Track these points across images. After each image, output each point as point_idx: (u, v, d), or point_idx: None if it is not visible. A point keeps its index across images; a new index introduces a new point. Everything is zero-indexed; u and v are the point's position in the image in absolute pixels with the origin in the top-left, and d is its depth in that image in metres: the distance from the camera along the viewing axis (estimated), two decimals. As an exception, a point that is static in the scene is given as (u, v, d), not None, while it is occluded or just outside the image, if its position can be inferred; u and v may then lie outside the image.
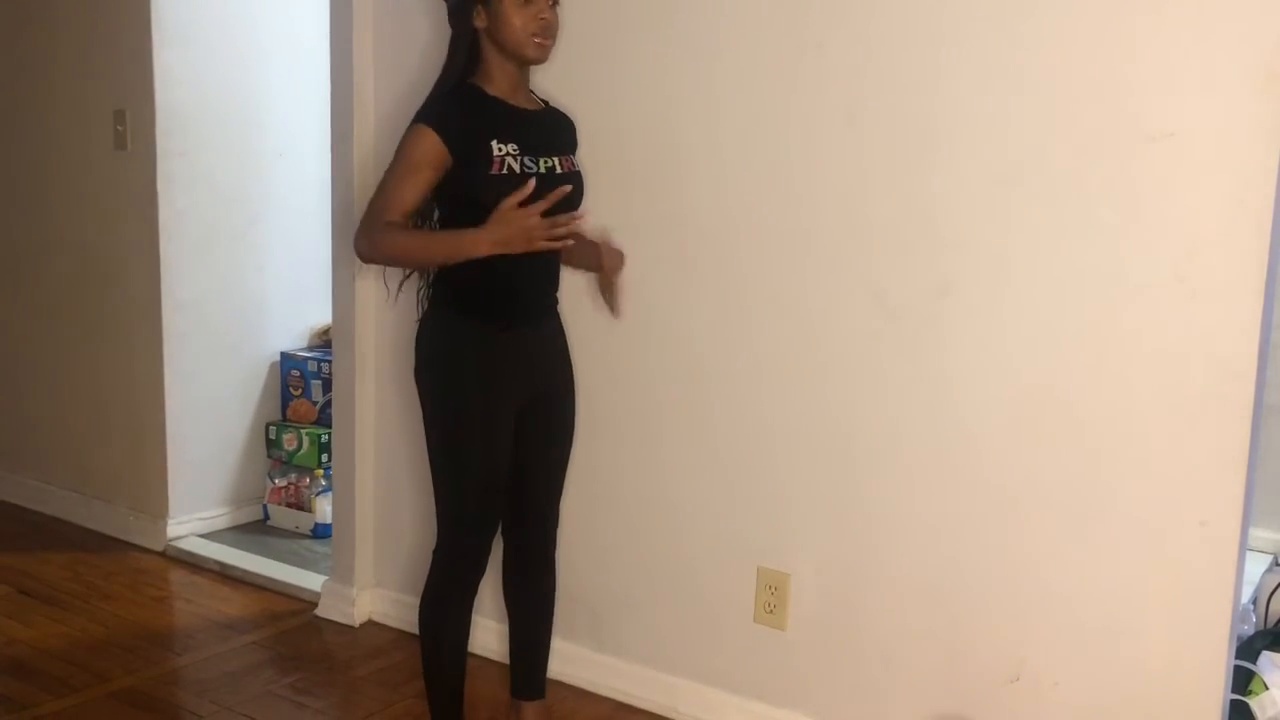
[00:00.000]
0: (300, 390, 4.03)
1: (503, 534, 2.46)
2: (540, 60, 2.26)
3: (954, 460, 2.34)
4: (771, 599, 2.58)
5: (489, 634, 2.89)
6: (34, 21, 3.92)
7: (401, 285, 2.49)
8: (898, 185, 2.34)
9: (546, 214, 2.17)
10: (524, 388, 2.33)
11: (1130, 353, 2.13)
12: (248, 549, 3.77)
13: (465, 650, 2.44)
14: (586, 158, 2.46)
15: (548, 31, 2.22)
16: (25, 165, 4.04)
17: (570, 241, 2.22)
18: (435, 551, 2.39)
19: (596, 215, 2.49)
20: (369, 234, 2.24)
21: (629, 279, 2.58)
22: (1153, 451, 2.13)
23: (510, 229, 2.15)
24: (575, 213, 2.22)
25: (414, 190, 2.21)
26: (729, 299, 2.56)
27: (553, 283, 2.37)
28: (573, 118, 2.44)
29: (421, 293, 2.42)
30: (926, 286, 2.33)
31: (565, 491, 2.51)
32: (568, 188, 2.18)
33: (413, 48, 2.93)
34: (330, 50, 3.10)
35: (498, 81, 2.26)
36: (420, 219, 2.30)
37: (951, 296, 2.30)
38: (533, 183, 2.14)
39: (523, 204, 2.15)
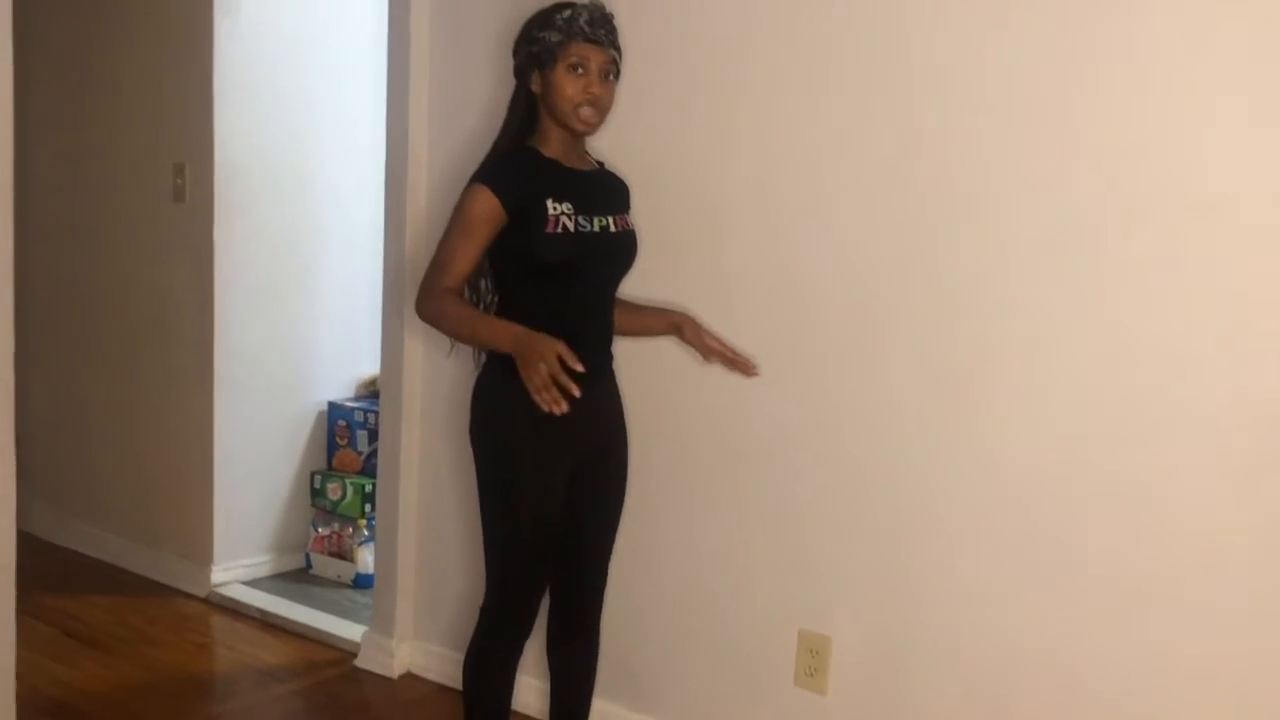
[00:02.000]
0: (346, 440, 4.07)
1: (550, 592, 2.46)
2: (587, 132, 2.30)
3: (997, 525, 2.32)
4: (812, 662, 2.56)
5: (530, 692, 2.89)
6: (99, 77, 4.05)
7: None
8: (942, 249, 2.35)
9: (596, 265, 2.20)
10: (578, 448, 2.34)
11: (1178, 421, 2.12)
12: (289, 597, 3.80)
13: (509, 708, 2.44)
14: (635, 218, 2.49)
15: (597, 105, 2.26)
16: (88, 216, 4.15)
17: (563, 408, 2.07)
18: (482, 609, 2.40)
19: (645, 276, 2.52)
20: (427, 297, 2.26)
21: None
22: (1200, 522, 2.11)
23: (531, 353, 2.07)
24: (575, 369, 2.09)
25: (471, 251, 2.24)
26: (774, 361, 2.57)
27: (607, 342, 2.39)
28: (626, 179, 2.48)
29: (478, 349, 2.45)
30: (969, 350, 2.33)
31: (607, 549, 2.52)
32: (579, 368, 2.08)
33: (467, 106, 3.00)
34: (386, 107, 3.18)
35: (552, 144, 2.31)
36: (478, 278, 2.33)
37: (994, 361, 2.30)
38: (577, 365, 2.05)
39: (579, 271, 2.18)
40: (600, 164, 2.44)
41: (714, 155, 2.62)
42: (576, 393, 2.06)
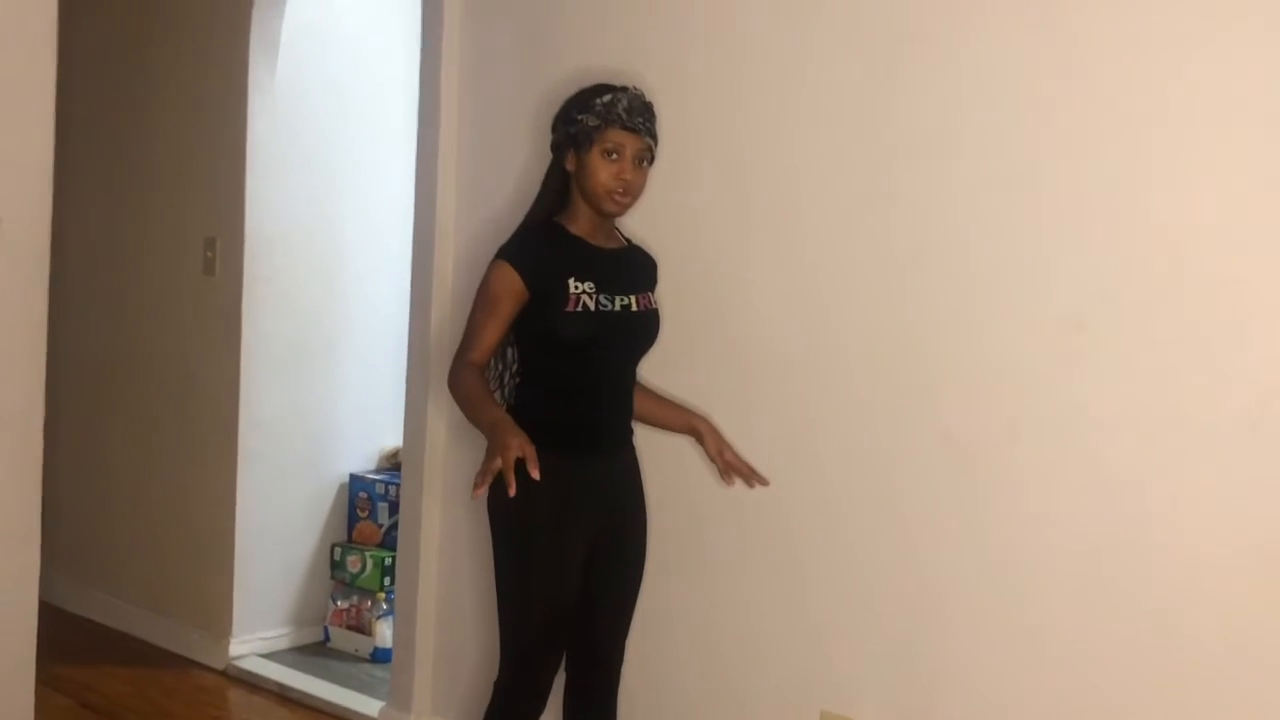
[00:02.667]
0: (367, 512, 4.08)
1: (566, 666, 2.45)
2: (616, 215, 2.34)
3: (1022, 608, 2.29)
4: (835, 744, 2.52)
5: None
6: (134, 152, 4.14)
7: None
8: (966, 328, 2.36)
9: (617, 343, 2.25)
10: (596, 521, 2.34)
11: (1204, 501, 2.10)
12: (307, 670, 3.77)
13: None
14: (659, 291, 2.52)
15: (628, 190, 2.30)
16: (119, 287, 4.21)
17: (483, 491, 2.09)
18: (496, 683, 2.38)
19: (666, 348, 2.54)
20: (452, 371, 2.33)
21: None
22: (1227, 604, 2.08)
23: (496, 444, 2.08)
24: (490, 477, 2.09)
25: (495, 326, 2.28)
26: (796, 438, 2.57)
27: (627, 417, 2.40)
28: (655, 256, 2.51)
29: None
30: (995, 430, 2.32)
31: (626, 623, 2.50)
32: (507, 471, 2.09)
33: (495, 184, 3.05)
34: (414, 184, 3.23)
35: (581, 221, 2.35)
36: (505, 348, 2.36)
37: (1020, 440, 2.29)
38: (534, 474, 2.07)
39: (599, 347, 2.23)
40: (629, 241, 2.48)
41: (735, 233, 2.65)
42: (512, 491, 2.04)
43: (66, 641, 3.92)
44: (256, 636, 3.89)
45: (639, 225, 2.60)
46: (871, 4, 2.46)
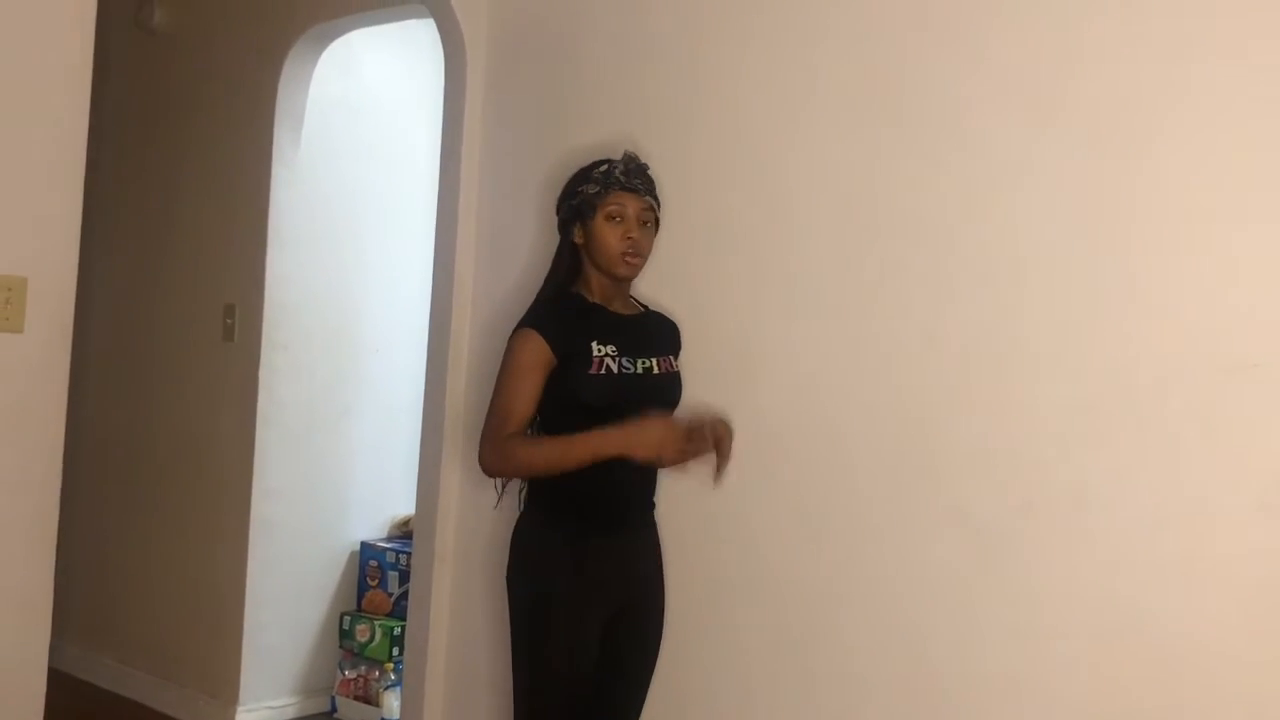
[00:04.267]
0: (377, 581, 4.06)
1: None
2: (629, 277, 2.37)
3: (1036, 684, 2.26)
4: (848, 826, 2.47)
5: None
6: (157, 220, 4.20)
7: (506, 485, 2.47)
8: (978, 405, 2.36)
9: (639, 406, 2.22)
10: (614, 599, 2.32)
11: (1217, 581, 2.08)
12: (313, 742, 3.74)
13: None
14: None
15: (636, 250, 2.33)
16: (138, 352, 4.25)
17: (694, 460, 2.20)
18: None
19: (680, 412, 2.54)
20: (495, 448, 2.26)
21: (713, 491, 2.58)
22: (1243, 685, 2.05)
23: (647, 435, 2.16)
24: (709, 429, 2.21)
25: (527, 395, 2.26)
26: (810, 516, 2.56)
27: (650, 489, 2.40)
28: (675, 320, 2.53)
29: (522, 493, 2.44)
30: (1008, 507, 2.31)
31: (639, 700, 2.47)
32: (712, 437, 2.22)
33: (513, 257, 3.08)
34: (433, 255, 3.27)
35: (596, 290, 2.38)
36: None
37: (1033, 518, 2.28)
38: (711, 437, 2.19)
39: (621, 412, 2.20)
40: (645, 308, 2.49)
41: (745, 303, 2.67)
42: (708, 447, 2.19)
43: (74, 708, 3.88)
44: (264, 705, 3.86)
45: (653, 294, 2.62)
46: (876, 77, 2.50)
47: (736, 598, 2.66)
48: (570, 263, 2.39)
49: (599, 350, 2.28)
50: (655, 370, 2.36)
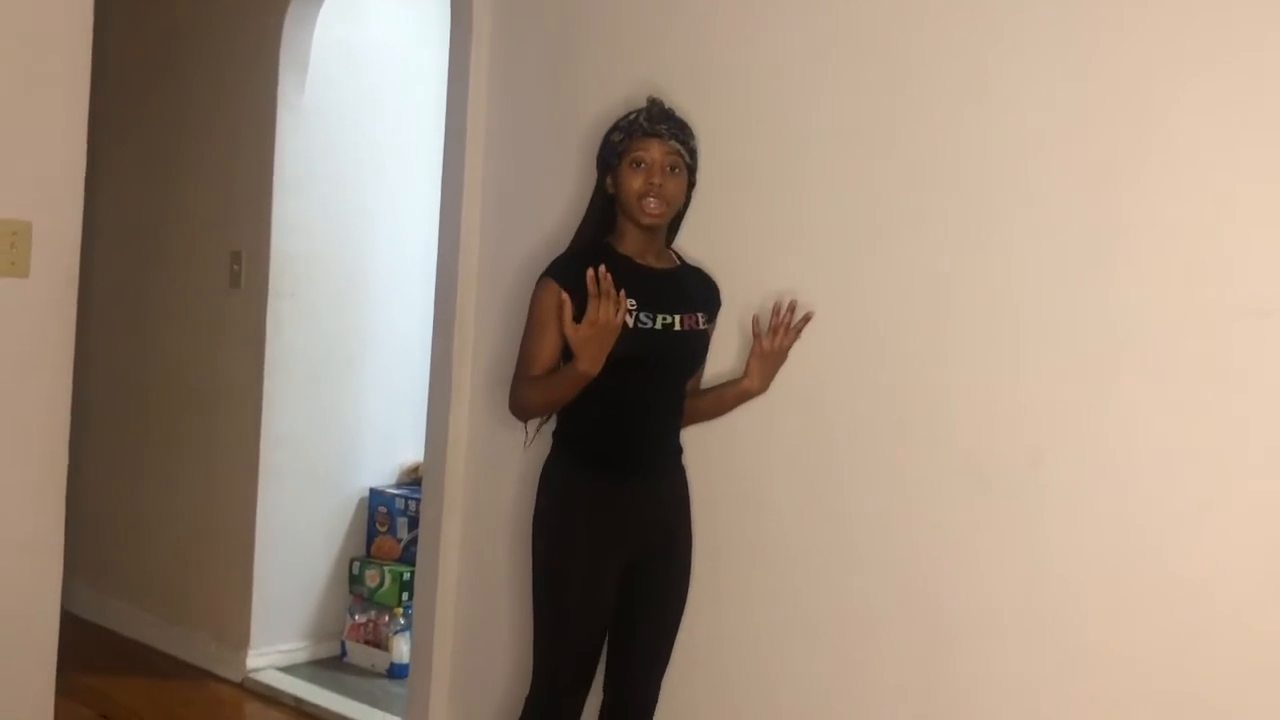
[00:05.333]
0: (386, 527, 4.08)
1: (603, 688, 2.44)
2: (652, 225, 2.34)
3: (1049, 636, 2.27)
4: (854, 769, 2.50)
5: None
6: (163, 167, 4.18)
7: (539, 428, 2.50)
8: (989, 356, 2.34)
9: (657, 362, 2.24)
10: (637, 543, 2.34)
11: (1228, 530, 2.08)
12: (324, 685, 3.77)
13: None
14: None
15: (661, 196, 2.30)
16: (145, 299, 4.25)
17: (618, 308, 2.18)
18: (527, 700, 2.38)
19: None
20: (513, 393, 2.33)
21: (723, 444, 2.58)
22: (1258, 638, 2.05)
23: (591, 341, 2.16)
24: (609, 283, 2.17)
25: (549, 344, 2.29)
26: (822, 467, 2.55)
27: (671, 438, 2.39)
28: (714, 277, 2.52)
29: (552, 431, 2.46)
30: (1019, 457, 2.31)
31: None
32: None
33: (521, 201, 3.06)
34: (440, 201, 3.25)
35: (628, 242, 2.36)
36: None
37: (1044, 468, 2.28)
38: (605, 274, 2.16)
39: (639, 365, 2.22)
40: (682, 262, 2.47)
41: (760, 254, 2.65)
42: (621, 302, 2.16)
43: (86, 651, 3.93)
44: (274, 649, 3.90)
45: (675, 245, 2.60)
46: (895, 25, 2.46)
47: (742, 547, 2.66)
48: (602, 213, 2.38)
49: None
50: (677, 327, 2.34)
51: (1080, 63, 2.24)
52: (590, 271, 2.14)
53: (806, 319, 2.44)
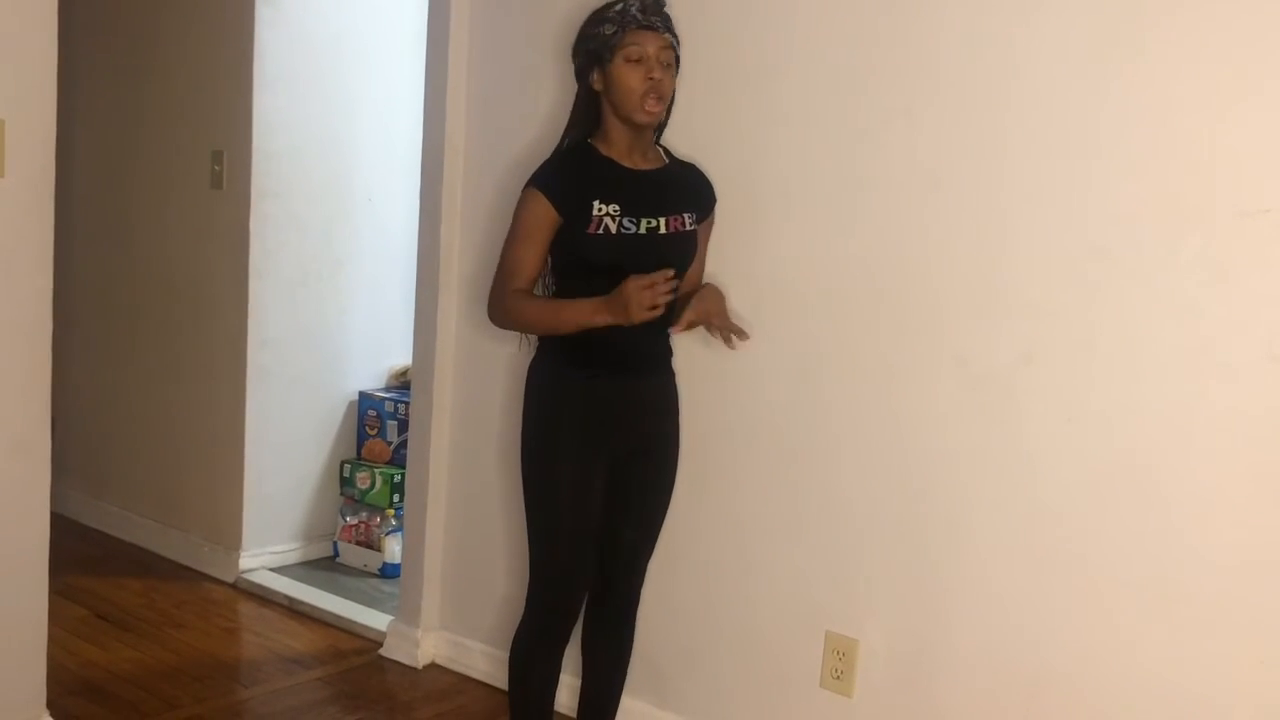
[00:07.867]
0: (376, 430, 4.09)
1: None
2: (651, 123, 2.28)
3: (1031, 532, 2.29)
4: (839, 664, 2.54)
5: (561, 688, 2.87)
6: (140, 65, 4.08)
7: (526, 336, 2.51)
8: (981, 252, 2.32)
9: (642, 266, 2.19)
10: (624, 440, 2.34)
11: (1219, 432, 2.09)
12: (316, 585, 3.81)
13: (552, 700, 2.45)
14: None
15: (659, 92, 2.24)
16: (128, 202, 4.18)
17: (659, 311, 2.18)
18: (528, 599, 2.41)
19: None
20: (500, 302, 2.31)
21: (711, 341, 2.57)
22: (1240, 533, 2.07)
23: (614, 300, 2.16)
24: (668, 276, 2.17)
25: (533, 253, 2.27)
26: (807, 364, 2.55)
27: (658, 339, 2.37)
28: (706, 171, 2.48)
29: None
30: (1008, 355, 2.30)
31: (636, 544, 2.51)
32: (669, 273, 2.17)
33: (504, 99, 3.00)
34: (424, 98, 3.18)
35: (614, 142, 2.30)
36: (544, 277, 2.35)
37: (1034, 366, 2.27)
38: (668, 274, 2.16)
39: (624, 271, 2.18)
40: (671, 159, 2.42)
41: (751, 149, 2.60)
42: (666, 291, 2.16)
43: (79, 553, 3.97)
44: (266, 550, 3.93)
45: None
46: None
47: (735, 441, 2.68)
48: (587, 112, 2.31)
49: (599, 209, 2.23)
50: (661, 230, 2.30)
51: (1082, -48, 2.18)
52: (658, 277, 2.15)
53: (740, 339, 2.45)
